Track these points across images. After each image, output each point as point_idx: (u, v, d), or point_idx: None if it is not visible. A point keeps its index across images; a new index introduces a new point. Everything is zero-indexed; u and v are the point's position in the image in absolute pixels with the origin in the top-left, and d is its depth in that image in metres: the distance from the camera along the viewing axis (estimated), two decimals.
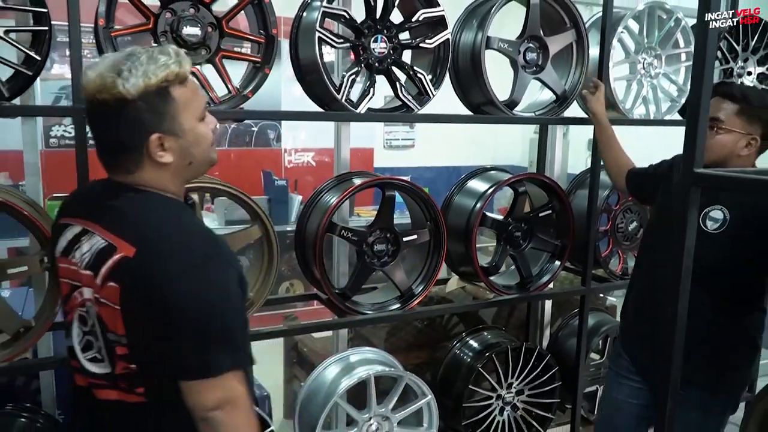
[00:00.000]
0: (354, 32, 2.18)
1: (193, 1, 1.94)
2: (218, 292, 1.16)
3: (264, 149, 5.76)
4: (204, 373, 1.15)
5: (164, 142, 1.19)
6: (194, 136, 1.23)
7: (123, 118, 1.16)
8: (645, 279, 2.05)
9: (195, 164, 1.27)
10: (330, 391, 2.36)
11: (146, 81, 1.14)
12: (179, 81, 1.19)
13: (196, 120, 1.24)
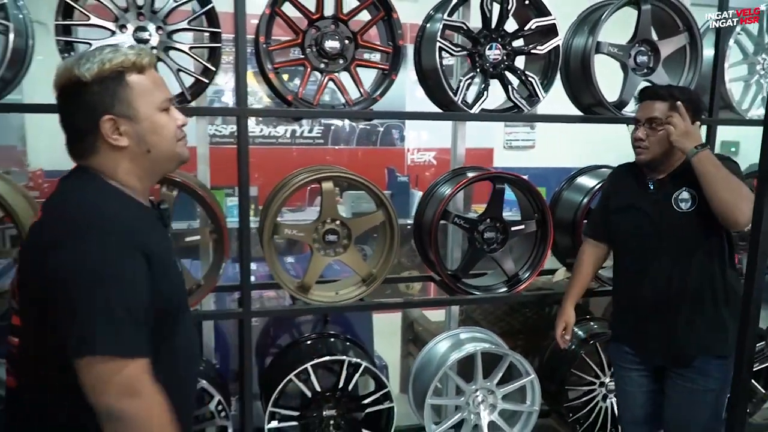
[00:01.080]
0: (471, 41, 2.44)
1: (333, 19, 2.30)
2: (76, 268, 1.13)
3: (389, 148, 6.14)
4: (77, 351, 1.10)
5: (119, 125, 1.24)
6: (151, 123, 1.26)
7: (79, 101, 1.23)
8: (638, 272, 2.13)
9: (154, 154, 1.29)
10: (441, 362, 2.64)
11: (101, 66, 1.21)
12: (136, 69, 1.25)
13: (156, 109, 1.27)
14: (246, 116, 2.26)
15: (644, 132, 2.04)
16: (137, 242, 1.20)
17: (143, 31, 2.13)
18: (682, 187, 2.02)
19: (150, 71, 1.29)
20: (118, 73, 1.23)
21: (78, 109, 1.24)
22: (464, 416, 2.67)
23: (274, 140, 5.83)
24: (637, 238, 2.13)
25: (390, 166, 5.32)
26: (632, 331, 2.21)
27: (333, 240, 2.41)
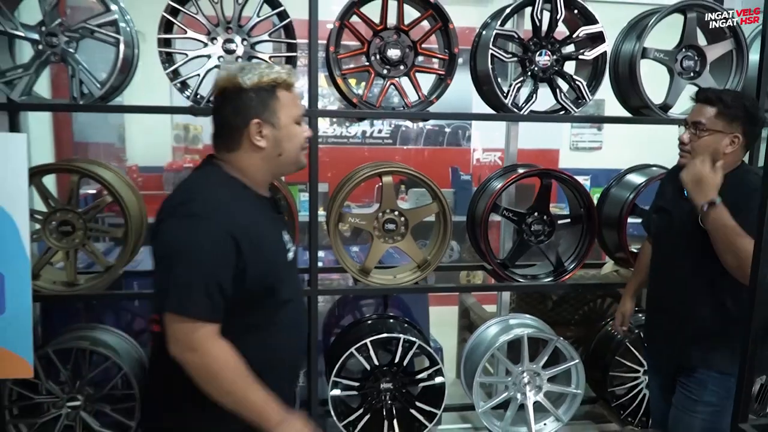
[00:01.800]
0: (522, 48, 2.64)
1: (395, 30, 2.56)
2: (177, 238, 1.38)
3: (454, 148, 6.35)
4: (158, 307, 1.38)
5: (262, 128, 1.47)
6: (288, 132, 1.50)
7: (235, 102, 1.46)
8: (658, 274, 2.20)
9: (283, 158, 1.52)
10: (490, 344, 2.85)
11: (260, 78, 1.46)
12: (285, 86, 1.49)
13: (292, 121, 1.51)
14: (316, 116, 2.56)
15: (688, 135, 2.02)
16: (228, 229, 1.39)
17: (231, 43, 2.46)
18: None
19: (294, 90, 1.53)
20: (271, 87, 1.48)
21: (233, 109, 1.47)
22: (511, 395, 2.87)
23: (345, 140, 6.17)
24: (662, 241, 2.17)
25: (453, 165, 5.54)
26: (648, 335, 2.30)
27: (391, 228, 2.67)
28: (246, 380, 1.41)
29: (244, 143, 1.49)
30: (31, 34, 2.36)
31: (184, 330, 1.37)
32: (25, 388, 2.54)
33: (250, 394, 1.41)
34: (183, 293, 1.37)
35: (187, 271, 1.37)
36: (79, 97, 2.41)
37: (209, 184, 1.49)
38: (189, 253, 1.38)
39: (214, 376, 1.39)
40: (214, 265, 1.39)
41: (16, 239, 2.15)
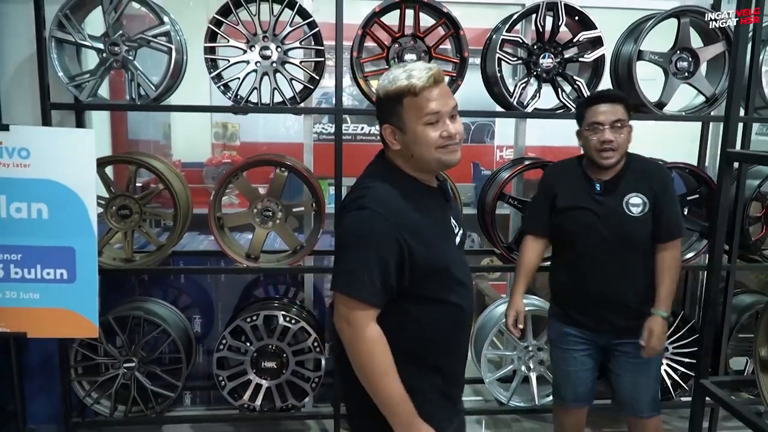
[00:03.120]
0: (527, 52, 2.92)
1: (412, 36, 2.87)
2: (350, 229, 1.54)
3: (479, 145, 6.60)
4: (332, 285, 1.55)
5: (394, 133, 1.58)
6: (414, 135, 1.54)
7: (377, 108, 1.63)
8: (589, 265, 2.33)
9: (416, 158, 1.58)
10: (497, 320, 3.14)
11: (387, 88, 1.56)
12: (412, 93, 1.52)
13: (421, 124, 1.53)
14: (341, 114, 2.89)
15: (611, 134, 2.22)
16: (394, 222, 1.50)
17: (266, 50, 2.80)
18: (632, 191, 2.26)
19: (425, 91, 1.52)
20: (397, 95, 1.54)
21: (377, 114, 1.64)
22: (515, 368, 3.15)
23: (373, 137, 6.49)
24: (587, 237, 2.30)
25: (475, 161, 5.80)
26: (581, 316, 2.38)
27: None
28: (387, 372, 1.51)
29: (388, 144, 1.62)
30: (97, 43, 2.74)
31: (347, 308, 1.51)
32: (88, 350, 2.93)
33: (387, 387, 1.51)
34: (350, 277, 1.50)
35: (356, 258, 1.50)
36: (137, 98, 2.79)
37: (379, 179, 1.59)
38: (357, 242, 1.51)
39: (361, 356, 1.51)
40: (379, 254, 1.49)
41: (86, 219, 2.54)
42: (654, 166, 2.38)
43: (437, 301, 1.60)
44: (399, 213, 1.53)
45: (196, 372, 3.32)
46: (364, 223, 1.52)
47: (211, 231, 2.87)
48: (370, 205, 1.52)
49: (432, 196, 1.65)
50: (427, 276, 1.57)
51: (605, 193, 2.29)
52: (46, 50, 2.68)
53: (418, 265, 1.54)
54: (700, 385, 1.98)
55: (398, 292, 1.55)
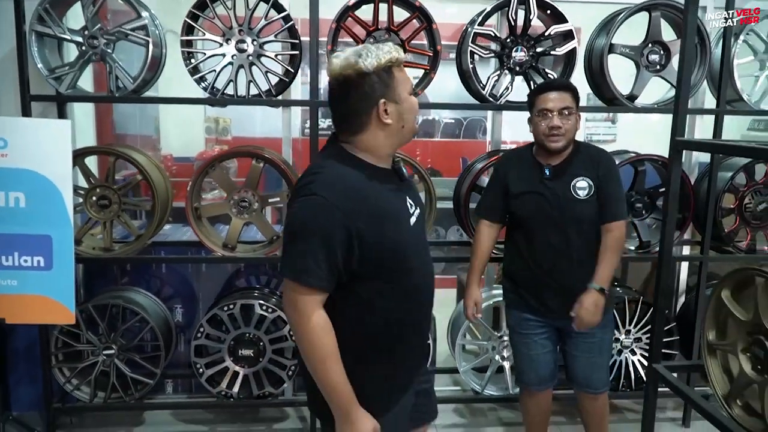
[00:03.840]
0: (500, 45, 2.96)
1: (386, 30, 2.91)
2: (296, 215, 1.52)
3: (471, 141, 6.67)
4: (280, 272, 1.60)
5: (387, 107, 1.55)
6: (408, 103, 1.60)
7: (361, 87, 1.53)
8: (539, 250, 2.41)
9: (406, 128, 1.61)
10: None
11: (378, 61, 1.52)
12: (398, 64, 1.57)
13: (408, 93, 1.60)
14: (316, 107, 2.93)
15: (559, 120, 2.32)
16: (343, 208, 1.48)
17: (242, 43, 2.85)
18: (578, 175, 2.35)
19: (402, 65, 1.60)
20: (388, 67, 1.55)
21: (361, 95, 1.54)
22: (489, 356, 3.20)
23: None
24: (538, 220, 2.39)
25: (464, 156, 5.85)
26: (535, 300, 2.45)
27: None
28: (329, 358, 1.52)
29: (372, 123, 1.57)
30: (76, 37, 2.80)
31: (294, 293, 1.52)
32: (69, 337, 3.00)
33: (328, 373, 1.52)
34: (297, 263, 1.51)
35: (303, 244, 1.50)
36: (115, 90, 2.84)
37: (332, 166, 1.58)
38: (305, 229, 1.50)
39: (305, 341, 1.52)
40: (326, 240, 1.49)
41: (62, 207, 2.60)
42: (600, 152, 2.46)
43: (390, 283, 1.60)
44: (349, 197, 1.52)
45: (178, 360, 3.38)
46: (312, 210, 1.51)
47: (188, 221, 2.93)
48: (319, 191, 1.51)
49: (385, 178, 1.63)
50: (380, 259, 1.56)
51: (554, 177, 2.38)
52: (26, 44, 2.75)
53: (370, 249, 1.54)
54: (653, 370, 2.02)
55: (350, 275, 1.55)
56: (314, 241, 1.49)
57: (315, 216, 1.50)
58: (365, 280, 1.58)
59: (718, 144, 1.97)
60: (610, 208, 2.37)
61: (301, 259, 1.50)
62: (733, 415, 1.84)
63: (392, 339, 1.65)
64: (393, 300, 1.61)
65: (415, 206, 1.73)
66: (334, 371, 1.52)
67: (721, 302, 1.88)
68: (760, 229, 3.22)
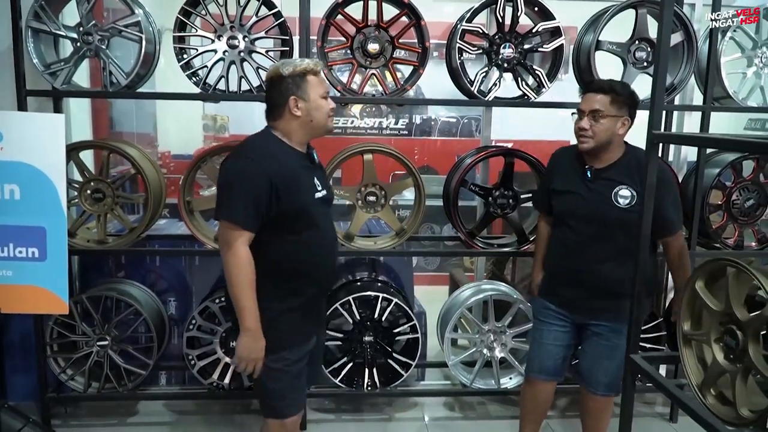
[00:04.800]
0: (488, 42, 3.00)
1: (376, 27, 2.96)
2: (229, 172, 1.99)
3: (467, 139, 6.69)
4: (216, 216, 2.01)
5: (298, 102, 2.02)
6: (316, 103, 2.04)
7: (279, 86, 2.02)
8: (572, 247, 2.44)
9: (314, 123, 2.05)
10: (461, 304, 3.22)
11: (294, 68, 2.01)
12: (312, 73, 2.04)
13: (319, 96, 2.05)
14: None
15: (588, 122, 2.30)
16: (265, 166, 1.95)
17: (234, 39, 2.89)
18: (622, 183, 2.31)
19: (319, 74, 2.07)
20: (302, 73, 2.03)
21: (278, 91, 2.03)
22: (478, 351, 3.23)
23: (363, 131, 6.59)
24: (574, 219, 2.42)
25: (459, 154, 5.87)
26: (561, 293, 2.49)
27: (372, 200, 3.07)
28: (247, 286, 1.95)
29: (286, 114, 2.04)
30: (71, 33, 2.85)
31: (227, 231, 1.96)
32: (64, 328, 3.05)
33: (244, 298, 1.96)
34: (230, 207, 1.96)
35: (234, 192, 1.95)
36: (109, 86, 2.90)
37: (259, 139, 2.09)
38: (236, 180, 1.96)
39: (231, 270, 1.95)
40: (253, 189, 1.93)
41: (56, 199, 2.65)
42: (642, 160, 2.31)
43: (299, 234, 2.04)
44: (270, 160, 1.98)
45: (171, 352, 3.43)
46: (243, 166, 1.97)
47: (180, 214, 2.97)
48: (247, 153, 2.02)
49: (299, 158, 2.09)
50: (291, 212, 2.00)
51: (595, 179, 2.36)
52: (23, 39, 2.80)
53: (284, 202, 1.97)
54: (629, 360, 2.05)
55: (270, 222, 1.98)
56: (244, 190, 1.94)
57: (245, 170, 1.96)
58: (280, 229, 2.02)
59: (694, 136, 2.01)
60: (667, 220, 2.34)
61: (234, 204, 1.95)
62: (706, 404, 1.87)
63: (299, 281, 2.08)
64: (300, 249, 2.06)
65: (323, 188, 2.15)
66: (248, 296, 1.96)
67: (696, 293, 1.91)
68: (748, 225, 3.24)
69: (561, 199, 2.48)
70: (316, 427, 3.23)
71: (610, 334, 2.42)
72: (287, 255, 2.05)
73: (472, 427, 3.31)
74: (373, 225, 3.86)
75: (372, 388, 3.15)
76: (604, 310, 2.42)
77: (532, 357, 2.62)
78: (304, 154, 2.11)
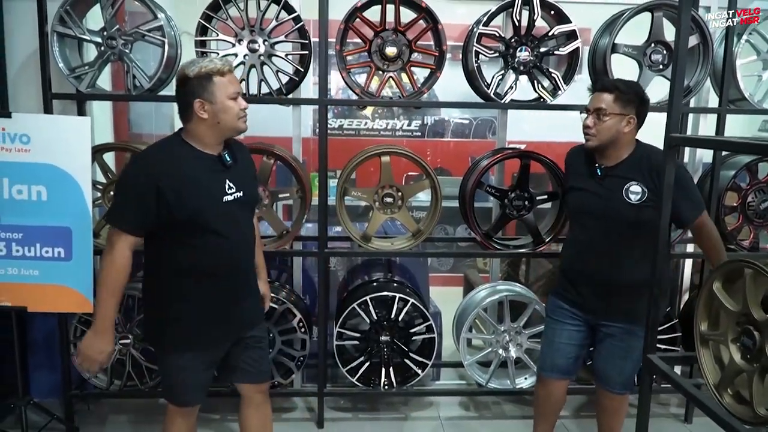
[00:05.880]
0: (504, 45, 3.03)
1: (393, 30, 3.00)
2: (121, 176, 2.06)
3: (480, 140, 6.71)
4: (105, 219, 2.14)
5: (204, 105, 1.98)
6: (222, 106, 1.99)
7: (185, 88, 2.00)
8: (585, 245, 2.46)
9: (222, 125, 2.02)
10: (477, 305, 3.25)
11: (199, 70, 1.97)
12: (219, 74, 1.98)
13: (227, 98, 2.00)
14: (325, 105, 3.02)
15: (592, 120, 2.34)
16: (156, 174, 1.95)
17: (254, 43, 2.95)
18: (632, 179, 2.33)
19: (228, 74, 2.03)
20: (208, 75, 1.99)
21: (184, 93, 2.02)
22: (494, 351, 3.26)
23: (377, 133, 6.63)
24: (586, 217, 2.45)
25: (473, 155, 5.90)
26: (575, 292, 2.50)
27: (389, 202, 3.10)
28: (113, 289, 2.03)
29: (194, 116, 2.02)
30: (95, 37, 2.91)
31: (110, 233, 2.03)
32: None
33: (107, 298, 2.03)
34: (116, 210, 2.03)
35: (121, 197, 2.02)
36: (132, 89, 2.95)
37: (161, 144, 2.10)
38: (125, 186, 2.02)
39: (104, 269, 2.02)
40: (138, 196, 1.97)
41: (82, 200, 2.71)
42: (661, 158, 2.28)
43: (193, 238, 2.04)
44: (162, 162, 1.99)
45: None
46: (133, 169, 2.05)
47: None
48: (141, 157, 2.08)
49: (206, 161, 2.06)
50: (181, 216, 1.98)
51: (605, 177, 2.39)
52: (48, 44, 2.87)
53: (173, 208, 1.97)
54: (647, 360, 2.08)
55: (166, 226, 2.01)
56: (130, 193, 2.00)
57: (133, 174, 2.02)
58: (173, 231, 2.03)
59: (711, 139, 2.03)
60: (687, 208, 2.33)
61: (119, 208, 2.02)
62: (723, 403, 1.89)
63: (197, 284, 2.08)
64: (196, 253, 2.06)
65: (237, 189, 2.12)
66: (109, 301, 2.03)
67: (713, 294, 1.93)
68: (763, 227, 3.25)
69: (574, 197, 2.52)
70: (333, 425, 3.27)
71: (624, 335, 2.44)
72: (184, 257, 2.06)
73: (487, 426, 3.34)
74: (387, 226, 3.90)
75: (389, 387, 3.19)
76: (617, 311, 2.44)
77: (545, 355, 2.65)
78: (214, 157, 2.08)
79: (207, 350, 2.18)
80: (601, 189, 2.40)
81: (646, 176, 2.33)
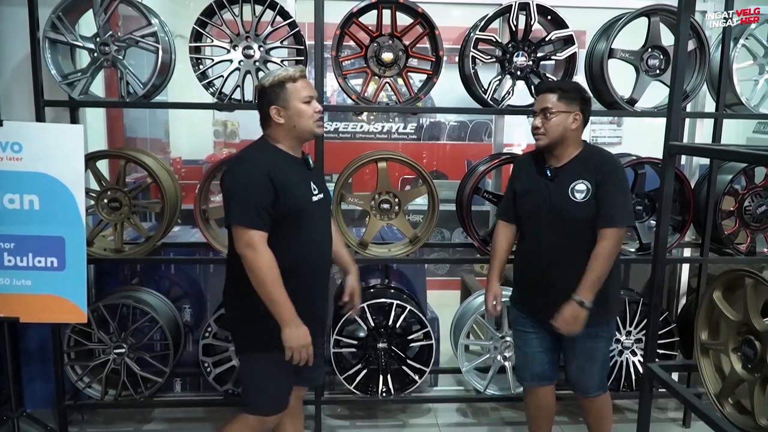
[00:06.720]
0: (501, 50, 3.01)
1: (390, 36, 2.98)
2: (234, 180, 2.07)
3: (476, 143, 6.70)
4: (227, 223, 2.09)
5: (279, 111, 2.13)
6: (296, 110, 2.13)
7: (262, 97, 2.15)
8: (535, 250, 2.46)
9: (297, 129, 2.15)
10: (476, 310, 3.23)
11: (273, 79, 2.13)
12: (291, 80, 2.13)
13: (300, 102, 2.13)
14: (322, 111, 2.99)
15: (540, 120, 2.37)
16: (265, 170, 2.06)
17: (249, 49, 2.92)
18: (579, 178, 2.34)
19: (301, 80, 2.16)
20: (281, 82, 2.13)
21: (262, 102, 2.17)
22: (492, 357, 3.25)
23: (372, 136, 6.62)
24: (535, 219, 2.43)
25: (469, 159, 5.89)
26: (529, 300, 2.51)
27: (386, 208, 3.09)
28: (276, 280, 2.04)
29: (272, 122, 2.16)
30: (88, 44, 2.88)
31: (245, 235, 2.04)
32: (81, 336, 3.08)
33: (277, 291, 2.05)
34: (242, 211, 2.05)
35: (244, 198, 2.05)
36: (126, 95, 2.92)
37: (254, 147, 2.21)
38: (244, 187, 2.06)
39: (259, 269, 2.03)
40: (259, 193, 2.05)
41: (75, 210, 2.68)
42: (605, 157, 2.43)
43: (295, 231, 2.13)
44: (268, 162, 2.10)
45: (187, 359, 3.45)
46: (246, 171, 2.08)
47: (196, 223, 3.00)
48: (247, 160, 2.13)
49: (294, 163, 2.19)
50: (288, 211, 2.09)
51: (554, 178, 2.40)
52: (40, 50, 2.83)
53: (282, 202, 2.07)
54: (647, 368, 2.07)
55: (275, 223, 2.07)
56: (252, 194, 2.05)
57: (249, 175, 2.07)
58: (278, 228, 2.09)
59: (711, 148, 2.02)
60: (604, 212, 2.32)
61: (243, 208, 2.05)
62: (724, 413, 1.88)
63: (292, 279, 2.11)
64: (296, 248, 2.14)
65: (319, 191, 2.25)
66: (279, 292, 2.05)
67: (713, 303, 1.93)
68: (760, 231, 3.25)
69: (521, 200, 2.50)
70: None
71: (587, 339, 2.43)
72: (283, 253, 2.09)
73: None
74: (384, 231, 3.87)
75: (386, 394, 3.17)
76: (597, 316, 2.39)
77: (521, 365, 2.64)
78: (299, 159, 2.21)
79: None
80: (549, 189, 2.40)
81: (592, 174, 2.35)
